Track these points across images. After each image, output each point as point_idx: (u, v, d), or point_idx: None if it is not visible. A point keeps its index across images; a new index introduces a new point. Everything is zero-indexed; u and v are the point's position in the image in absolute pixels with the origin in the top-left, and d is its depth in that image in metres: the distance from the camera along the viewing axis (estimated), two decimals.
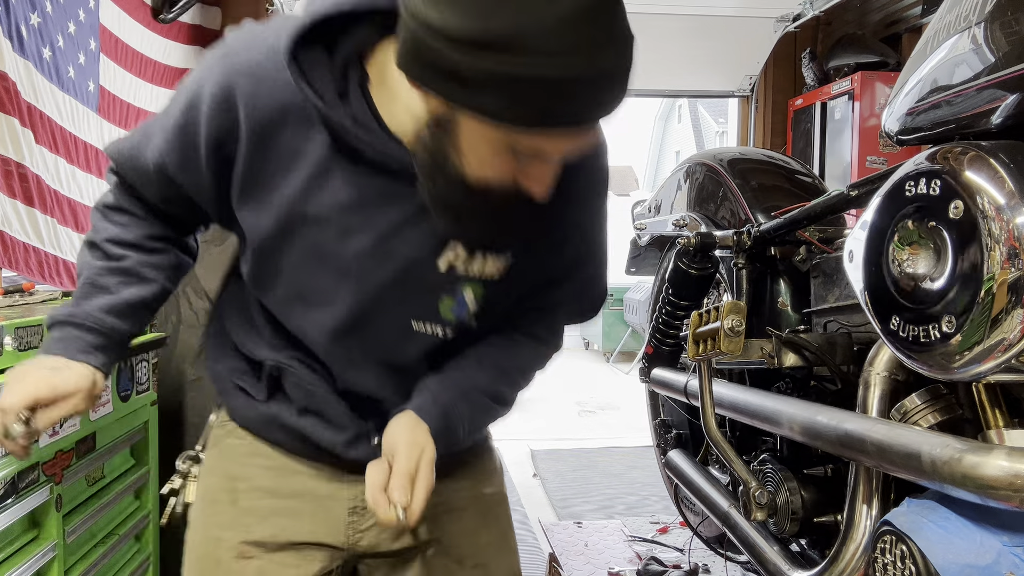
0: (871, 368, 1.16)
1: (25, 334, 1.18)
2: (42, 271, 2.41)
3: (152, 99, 3.50)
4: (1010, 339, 0.82)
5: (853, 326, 1.41)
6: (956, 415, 1.06)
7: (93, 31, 2.80)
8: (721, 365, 1.73)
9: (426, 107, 0.80)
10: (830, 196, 1.42)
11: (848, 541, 1.15)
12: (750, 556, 1.49)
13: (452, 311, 0.96)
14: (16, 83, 2.21)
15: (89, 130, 2.81)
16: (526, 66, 0.71)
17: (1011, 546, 0.87)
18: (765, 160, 2.04)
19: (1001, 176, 0.84)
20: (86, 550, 1.41)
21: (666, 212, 2.37)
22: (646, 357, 2.07)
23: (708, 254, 1.79)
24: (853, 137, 4.14)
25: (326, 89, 0.85)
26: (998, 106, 0.92)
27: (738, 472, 1.40)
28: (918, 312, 0.94)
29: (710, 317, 1.33)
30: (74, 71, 2.63)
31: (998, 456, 0.86)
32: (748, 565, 2.19)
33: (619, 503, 3.24)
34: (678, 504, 2.32)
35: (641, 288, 7.62)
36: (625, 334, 8.48)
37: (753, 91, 4.88)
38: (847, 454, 1.13)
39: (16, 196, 2.26)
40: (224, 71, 0.88)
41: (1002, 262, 0.82)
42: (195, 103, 0.89)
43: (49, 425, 0.93)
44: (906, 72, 1.11)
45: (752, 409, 1.43)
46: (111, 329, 0.99)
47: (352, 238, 0.90)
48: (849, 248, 1.11)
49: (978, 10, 0.95)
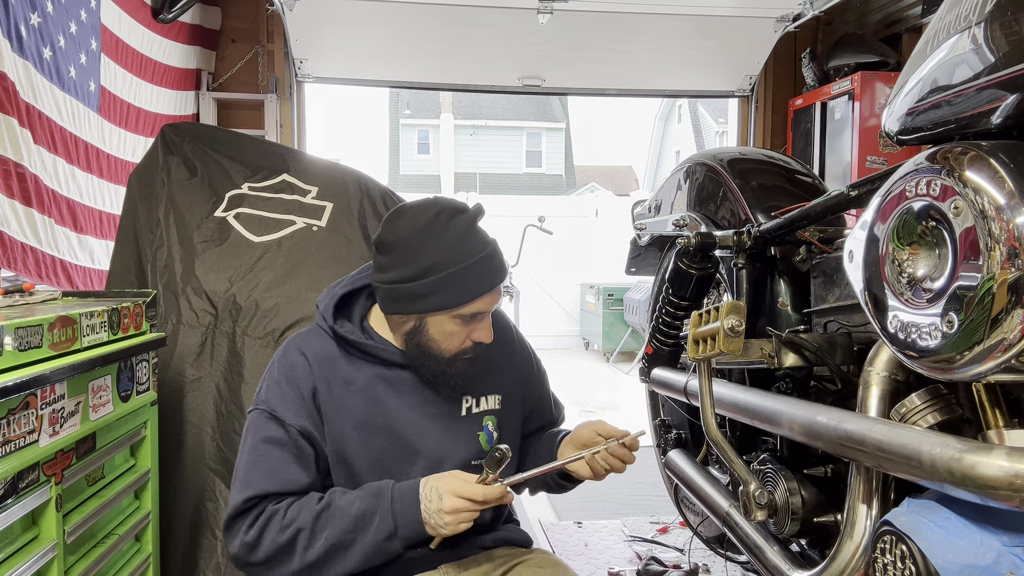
0: (871, 368, 1.16)
1: (25, 334, 1.18)
2: (39, 271, 2.41)
3: (152, 99, 3.50)
4: (1010, 339, 0.82)
5: (853, 326, 1.41)
6: (956, 415, 1.06)
7: (94, 31, 2.80)
8: (721, 365, 1.73)
9: (404, 328, 1.34)
10: (830, 196, 1.42)
11: (848, 541, 1.15)
12: (750, 556, 1.49)
13: (487, 441, 1.41)
14: (15, 83, 2.21)
15: (90, 130, 2.81)
16: (452, 270, 1.27)
17: (1011, 546, 0.87)
18: (765, 160, 2.04)
19: (1001, 176, 0.84)
20: (86, 550, 1.41)
21: (666, 212, 2.37)
22: (646, 357, 2.07)
23: (708, 254, 1.79)
24: (853, 137, 4.14)
25: (356, 334, 1.38)
26: (998, 106, 0.92)
27: (738, 472, 1.40)
28: (918, 312, 0.94)
29: (710, 317, 1.33)
30: (75, 71, 2.63)
31: (998, 456, 0.86)
32: (748, 565, 2.19)
33: (619, 503, 3.23)
34: (678, 504, 2.32)
35: (641, 288, 7.62)
36: (625, 334, 8.48)
37: (753, 91, 4.88)
38: (847, 454, 1.13)
39: (14, 196, 2.26)
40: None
41: (1002, 262, 0.82)
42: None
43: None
44: (906, 72, 1.11)
45: (752, 409, 1.43)
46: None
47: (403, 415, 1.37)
48: (849, 248, 1.11)
49: (978, 10, 0.95)
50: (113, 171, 3.01)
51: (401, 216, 1.32)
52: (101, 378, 1.42)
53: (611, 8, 4.00)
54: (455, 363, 1.34)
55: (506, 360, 1.49)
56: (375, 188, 2.23)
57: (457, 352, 1.33)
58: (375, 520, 1.23)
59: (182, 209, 2.06)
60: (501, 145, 21.96)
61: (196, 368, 1.86)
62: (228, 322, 1.88)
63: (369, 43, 4.40)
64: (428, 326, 1.31)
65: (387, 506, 1.24)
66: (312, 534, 1.24)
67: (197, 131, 2.37)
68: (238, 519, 1.28)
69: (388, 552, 1.24)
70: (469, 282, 1.29)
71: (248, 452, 1.31)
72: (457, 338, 1.32)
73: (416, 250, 1.28)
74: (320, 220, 2.07)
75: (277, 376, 1.36)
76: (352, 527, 1.23)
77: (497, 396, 1.45)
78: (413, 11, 4.02)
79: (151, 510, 1.65)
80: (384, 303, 1.35)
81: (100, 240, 2.83)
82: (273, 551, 1.24)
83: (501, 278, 1.34)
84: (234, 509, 1.28)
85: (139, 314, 1.60)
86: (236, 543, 1.27)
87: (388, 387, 1.36)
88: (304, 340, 1.40)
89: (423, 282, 1.28)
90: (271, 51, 4.38)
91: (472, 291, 1.29)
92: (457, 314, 1.30)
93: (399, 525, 1.23)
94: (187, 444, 1.83)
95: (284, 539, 1.24)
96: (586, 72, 4.75)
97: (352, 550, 1.24)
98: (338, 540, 1.23)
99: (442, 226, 1.29)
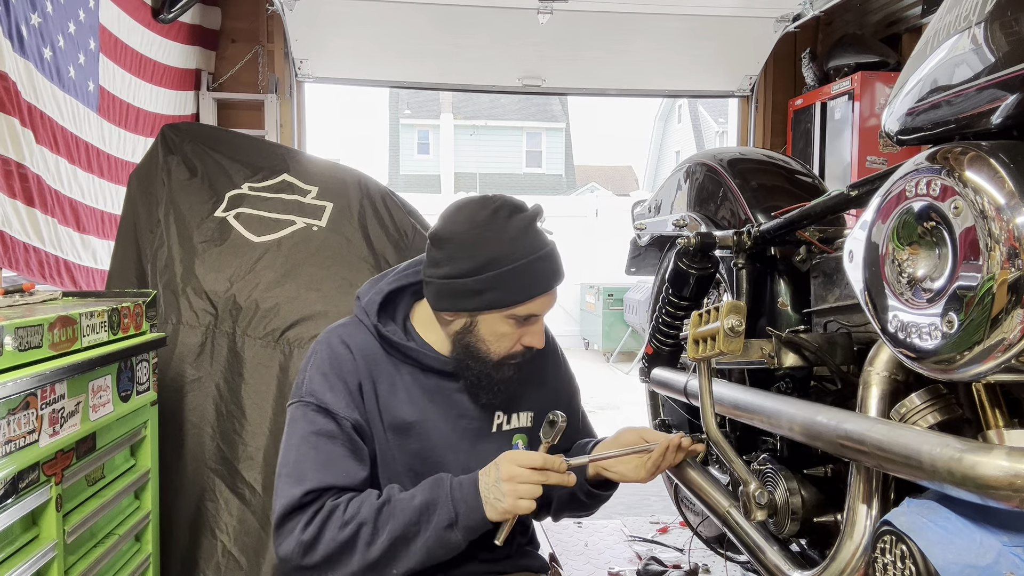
0: (871, 368, 1.16)
1: (25, 334, 1.18)
2: (42, 271, 2.41)
3: (152, 99, 3.49)
4: (1010, 339, 0.82)
5: (853, 326, 1.41)
6: (956, 415, 1.06)
7: (93, 31, 2.80)
8: (721, 365, 1.73)
9: (453, 326, 1.30)
10: (830, 196, 1.42)
11: (848, 541, 1.15)
12: (750, 556, 1.49)
13: None
14: (16, 83, 2.21)
15: (90, 130, 2.81)
16: (509, 267, 1.23)
17: (1011, 546, 0.87)
18: (765, 160, 2.04)
19: (1001, 176, 0.84)
20: (86, 550, 1.41)
21: (666, 212, 2.37)
22: (646, 357, 2.07)
23: (708, 254, 1.79)
24: (853, 137, 4.14)
25: (398, 335, 1.34)
26: (998, 106, 0.92)
27: (738, 472, 1.40)
28: (918, 312, 0.94)
29: (710, 317, 1.33)
30: (74, 71, 2.63)
31: (998, 456, 0.85)
32: (748, 565, 2.19)
33: (619, 503, 3.21)
34: (678, 504, 2.32)
35: (641, 288, 7.62)
36: (625, 334, 8.48)
37: (753, 91, 4.88)
38: (847, 454, 1.13)
39: (16, 196, 2.26)
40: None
41: (1002, 262, 0.82)
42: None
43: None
44: (906, 72, 1.11)
45: (752, 409, 1.43)
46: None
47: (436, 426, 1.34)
48: (849, 248, 1.11)
49: (978, 10, 0.95)
50: (113, 171, 3.01)
51: (459, 211, 1.28)
52: (101, 378, 1.42)
53: (611, 8, 4.00)
54: (502, 368, 1.30)
55: (547, 375, 1.46)
56: (375, 188, 2.23)
57: (506, 356, 1.29)
58: (437, 509, 1.19)
59: (182, 209, 2.06)
60: (501, 145, 21.97)
61: (196, 368, 1.86)
62: (228, 322, 1.88)
63: (369, 43, 4.40)
64: (479, 325, 1.27)
65: (447, 493, 1.20)
66: (375, 529, 1.18)
67: (197, 131, 2.37)
68: (293, 515, 1.21)
69: (450, 545, 1.20)
70: (526, 281, 1.25)
71: (297, 446, 1.25)
72: (508, 340, 1.28)
73: (473, 246, 1.24)
74: (320, 220, 2.07)
75: (323, 367, 1.30)
76: (415, 519, 1.19)
77: (530, 413, 1.40)
78: (413, 11, 4.03)
79: (151, 510, 1.65)
80: (436, 299, 1.30)
81: (102, 240, 2.83)
82: (332, 550, 1.18)
83: (559, 280, 1.30)
84: (288, 505, 1.21)
85: (139, 314, 1.60)
86: (291, 543, 1.19)
87: (424, 393, 1.32)
88: (346, 332, 1.35)
89: (479, 278, 1.23)
90: (271, 51, 4.38)
91: (529, 290, 1.25)
92: (511, 314, 1.26)
93: (459, 513, 1.19)
94: (187, 444, 1.83)
95: (345, 535, 1.18)
96: (586, 72, 4.75)
97: (414, 544, 1.19)
98: (401, 533, 1.18)
99: (501, 223, 1.24)
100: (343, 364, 1.30)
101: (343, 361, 1.30)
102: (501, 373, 1.30)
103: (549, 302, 1.29)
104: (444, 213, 1.31)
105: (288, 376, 1.81)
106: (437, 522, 1.19)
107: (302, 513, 1.20)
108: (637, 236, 2.58)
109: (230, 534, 1.76)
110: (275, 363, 1.83)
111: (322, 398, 1.27)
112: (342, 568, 1.19)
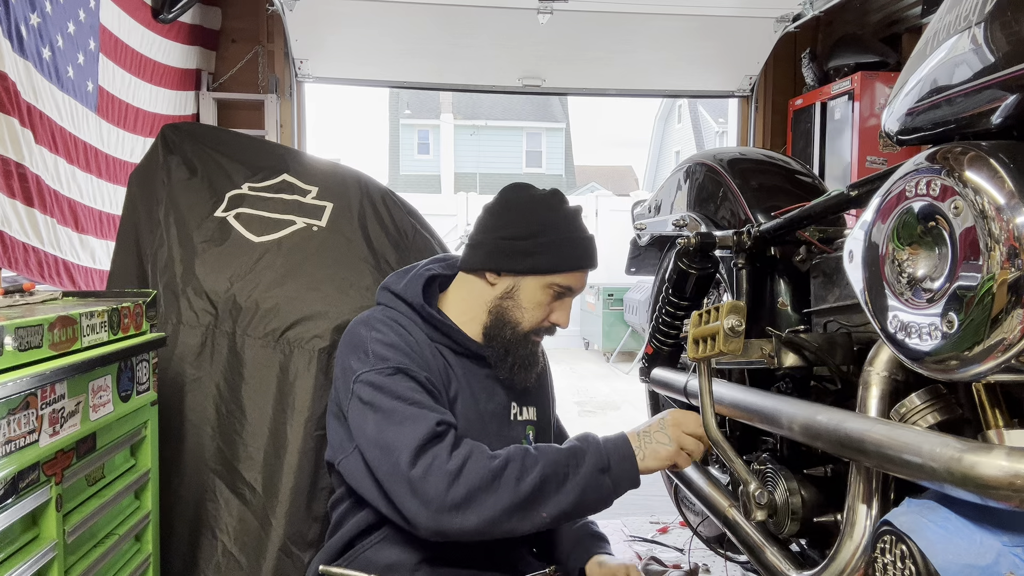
0: (871, 368, 1.16)
1: (25, 334, 1.18)
2: (42, 271, 2.41)
3: (152, 99, 3.49)
4: (1010, 339, 0.82)
5: (853, 326, 1.41)
6: (956, 415, 1.06)
7: (93, 31, 2.80)
8: (721, 365, 1.73)
9: (494, 291, 1.40)
10: (830, 196, 1.42)
11: (848, 541, 1.15)
12: (750, 556, 1.49)
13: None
14: (16, 83, 2.21)
15: (89, 130, 2.81)
16: (563, 236, 1.37)
17: (1011, 546, 0.87)
18: (765, 160, 2.04)
19: (1001, 176, 0.84)
20: (86, 550, 1.40)
21: (666, 212, 2.37)
22: (646, 357, 2.07)
23: (708, 254, 1.79)
24: (853, 137, 4.13)
25: (442, 315, 1.41)
26: (998, 106, 0.92)
27: (738, 472, 1.40)
28: (918, 312, 0.94)
29: (710, 317, 1.33)
30: (73, 71, 2.63)
31: (998, 456, 0.85)
32: (748, 565, 2.19)
33: (619, 503, 3.22)
34: (678, 504, 2.32)
35: (641, 288, 7.62)
36: (625, 334, 8.48)
37: (753, 91, 4.88)
38: (847, 454, 1.13)
39: (16, 196, 2.26)
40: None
41: (1002, 262, 0.82)
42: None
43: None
44: (906, 72, 1.11)
45: (752, 409, 1.43)
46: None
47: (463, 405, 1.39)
48: (849, 248, 1.11)
49: (978, 10, 0.95)
50: (112, 171, 3.01)
51: (517, 189, 1.45)
52: (101, 378, 1.42)
53: (611, 8, 4.00)
54: (527, 342, 1.39)
55: (545, 378, 1.59)
56: (375, 188, 2.23)
57: (533, 328, 1.39)
58: (587, 454, 1.20)
59: (182, 209, 2.06)
60: (501, 145, 21.96)
61: (196, 368, 1.86)
62: (228, 322, 1.87)
63: (369, 43, 4.40)
64: (521, 290, 1.38)
65: (597, 441, 1.23)
66: (523, 466, 1.16)
67: (197, 131, 2.37)
68: (431, 446, 1.16)
69: (602, 490, 1.19)
70: (574, 252, 1.38)
71: (395, 400, 1.23)
72: (541, 311, 1.39)
73: (532, 213, 1.40)
74: (320, 220, 2.07)
75: (387, 339, 1.33)
76: (565, 461, 1.19)
77: (534, 408, 1.51)
78: (413, 11, 4.02)
79: (151, 510, 1.65)
80: (486, 259, 1.40)
81: (101, 240, 2.83)
82: (481, 481, 1.13)
83: (595, 264, 1.43)
84: (426, 435, 1.17)
85: (139, 314, 1.60)
86: (435, 477, 1.13)
87: (462, 373, 1.40)
88: (386, 314, 1.41)
89: (533, 241, 1.37)
90: (271, 51, 4.37)
91: (575, 261, 1.38)
92: (553, 282, 1.37)
93: (612, 460, 1.21)
94: (187, 444, 1.83)
95: (495, 466, 1.15)
96: (586, 72, 4.75)
97: (566, 484, 1.17)
98: (552, 471, 1.17)
99: (556, 203, 1.42)
100: (406, 337, 1.36)
101: (404, 335, 1.37)
102: (525, 348, 1.39)
103: (584, 281, 1.42)
104: (502, 190, 1.47)
105: (288, 376, 1.80)
106: (590, 465, 1.19)
107: (440, 442, 1.18)
108: (637, 236, 2.58)
109: (230, 534, 1.76)
110: (275, 363, 1.83)
111: (397, 361, 1.30)
112: (490, 506, 1.13)
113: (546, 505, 1.15)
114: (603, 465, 1.19)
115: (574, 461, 1.19)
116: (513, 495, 1.13)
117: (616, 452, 1.21)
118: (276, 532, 1.73)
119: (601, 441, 1.23)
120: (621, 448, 1.22)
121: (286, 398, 1.79)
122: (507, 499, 1.13)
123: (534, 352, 1.43)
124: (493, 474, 1.14)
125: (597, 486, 1.18)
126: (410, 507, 1.15)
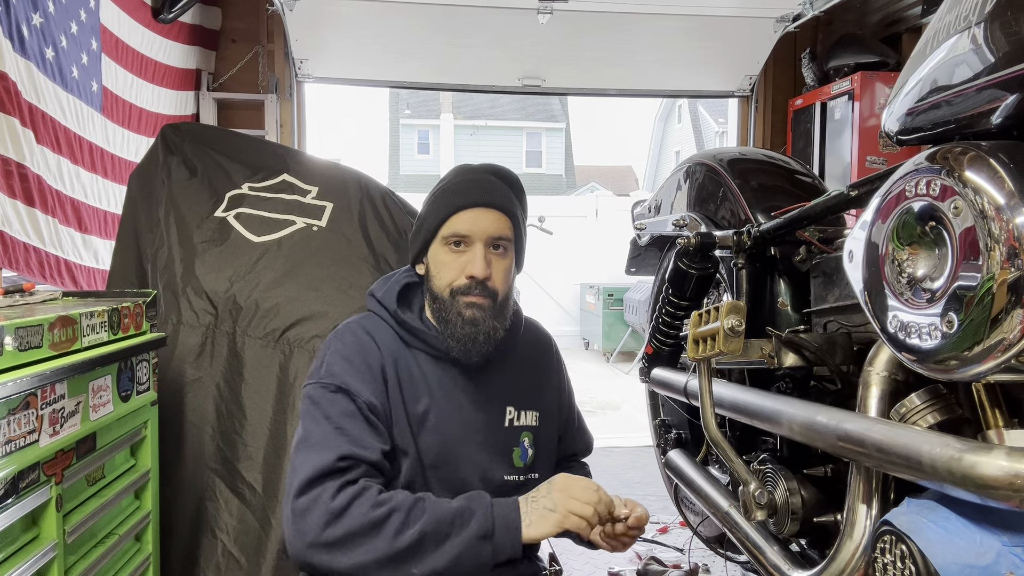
0: (871, 368, 1.16)
1: (25, 334, 1.18)
2: (43, 271, 2.41)
3: (154, 99, 3.50)
4: (1010, 339, 0.82)
5: (853, 326, 1.41)
6: (956, 415, 1.06)
7: (94, 31, 2.80)
8: (721, 365, 1.73)
9: (426, 281, 1.37)
10: (830, 196, 1.42)
11: (848, 541, 1.15)
12: (750, 556, 1.49)
13: (520, 458, 1.38)
14: (16, 83, 2.21)
15: (94, 130, 2.82)
16: (441, 188, 1.35)
17: (1011, 546, 0.87)
18: (765, 160, 2.04)
19: (1001, 176, 0.84)
20: (86, 550, 1.41)
21: (666, 212, 2.37)
22: (646, 357, 2.07)
23: (708, 254, 1.78)
24: (853, 137, 4.14)
25: (416, 322, 1.36)
26: (998, 106, 0.92)
27: (738, 472, 1.40)
28: (918, 312, 0.94)
29: (710, 317, 1.33)
30: (77, 71, 2.63)
31: (998, 456, 0.85)
32: (748, 565, 2.19)
33: None
34: (678, 504, 2.32)
35: (641, 288, 7.62)
36: (625, 334, 8.47)
37: (753, 91, 4.88)
38: (847, 454, 1.13)
39: (16, 196, 2.26)
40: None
41: (1002, 262, 0.82)
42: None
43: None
44: (906, 72, 1.11)
45: (752, 409, 1.43)
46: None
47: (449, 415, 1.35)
48: (849, 248, 1.11)
49: (978, 10, 0.95)
50: (117, 171, 3.01)
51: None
52: (101, 378, 1.42)
53: (611, 8, 4.00)
54: (453, 306, 1.29)
55: (546, 377, 1.49)
56: (375, 188, 2.23)
57: (455, 289, 1.30)
58: (474, 517, 1.16)
59: (182, 209, 2.06)
60: (501, 145, 21.94)
61: (196, 368, 1.86)
62: (228, 322, 1.88)
63: (369, 43, 4.40)
64: (431, 264, 1.35)
65: (486, 506, 1.18)
66: (407, 518, 1.14)
67: (197, 131, 2.37)
68: (324, 480, 1.15)
69: (480, 557, 1.15)
70: (454, 197, 1.33)
71: (320, 422, 1.23)
72: (450, 270, 1.31)
73: (429, 193, 1.41)
74: (320, 220, 2.07)
75: (347, 353, 1.31)
76: (450, 520, 1.15)
77: (536, 413, 1.42)
78: (413, 11, 4.03)
79: (151, 510, 1.65)
80: (411, 254, 1.42)
81: (105, 240, 2.83)
82: (359, 526, 1.12)
83: (489, 199, 1.32)
84: (320, 468, 1.15)
85: (139, 314, 1.60)
86: (317, 511, 1.13)
87: (441, 382, 1.34)
88: (367, 324, 1.37)
89: (424, 210, 1.37)
90: (271, 51, 4.38)
91: (453, 204, 1.32)
92: (444, 235, 1.31)
93: (497, 526, 1.16)
94: (187, 444, 1.83)
95: (376, 516, 1.13)
96: (586, 72, 4.75)
97: (444, 545, 1.14)
98: (434, 529, 1.14)
99: (449, 176, 1.39)
100: (368, 351, 1.32)
101: (367, 348, 1.32)
102: (453, 313, 1.29)
103: (477, 220, 1.31)
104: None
105: (288, 376, 1.81)
106: (473, 529, 1.15)
107: (334, 479, 1.16)
108: (637, 236, 2.58)
109: (230, 534, 1.76)
110: (275, 363, 1.83)
111: (342, 379, 1.27)
112: (362, 553, 1.12)
113: (420, 563, 1.13)
114: (486, 532, 1.16)
115: (459, 522, 1.16)
116: (388, 547, 1.12)
117: (502, 519, 1.17)
118: (276, 532, 1.73)
119: (490, 505, 1.19)
120: (508, 516, 1.17)
121: (286, 398, 1.79)
122: (382, 550, 1.12)
123: (471, 320, 1.29)
124: (372, 523, 1.13)
125: (475, 553, 1.15)
126: (288, 534, 1.16)
